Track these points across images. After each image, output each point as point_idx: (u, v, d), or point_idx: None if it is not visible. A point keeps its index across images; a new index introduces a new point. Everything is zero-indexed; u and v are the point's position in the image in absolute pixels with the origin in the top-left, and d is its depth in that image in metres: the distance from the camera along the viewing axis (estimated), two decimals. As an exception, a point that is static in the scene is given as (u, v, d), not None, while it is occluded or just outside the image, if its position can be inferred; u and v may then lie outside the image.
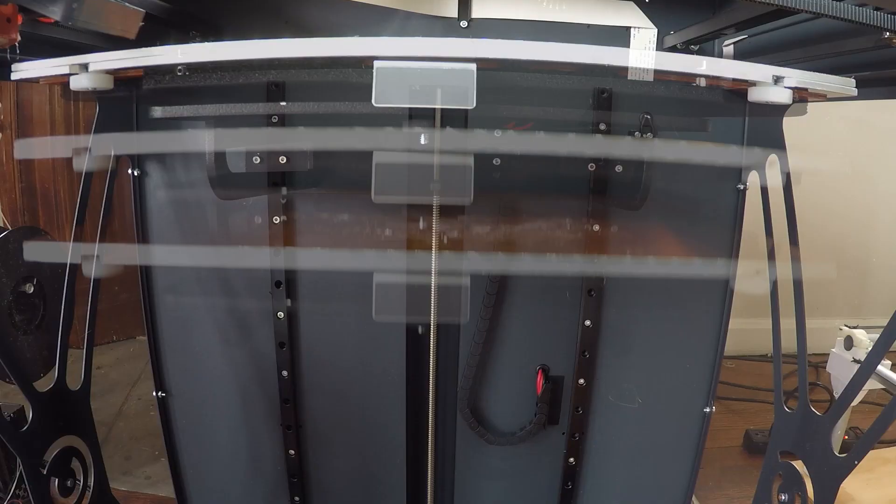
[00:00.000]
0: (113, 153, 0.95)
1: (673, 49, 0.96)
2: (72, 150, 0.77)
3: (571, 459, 1.14)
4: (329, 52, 0.50)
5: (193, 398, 1.11)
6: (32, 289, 0.95)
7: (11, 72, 0.56)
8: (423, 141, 0.62)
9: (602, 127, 0.79)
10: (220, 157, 0.69)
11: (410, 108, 0.56)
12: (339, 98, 0.68)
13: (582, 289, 1.06)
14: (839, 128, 2.24)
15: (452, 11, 0.92)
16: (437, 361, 1.11)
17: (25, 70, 0.56)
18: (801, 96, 0.56)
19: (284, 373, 1.08)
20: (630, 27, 0.87)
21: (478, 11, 0.93)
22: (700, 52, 0.96)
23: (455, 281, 0.99)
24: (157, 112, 0.62)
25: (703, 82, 0.56)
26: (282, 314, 1.05)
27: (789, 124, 0.84)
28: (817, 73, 0.53)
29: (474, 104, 0.50)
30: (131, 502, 1.53)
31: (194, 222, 1.03)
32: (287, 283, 1.03)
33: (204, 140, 0.71)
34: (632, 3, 0.89)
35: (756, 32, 0.87)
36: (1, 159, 2.16)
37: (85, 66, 0.53)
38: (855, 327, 1.52)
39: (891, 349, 0.73)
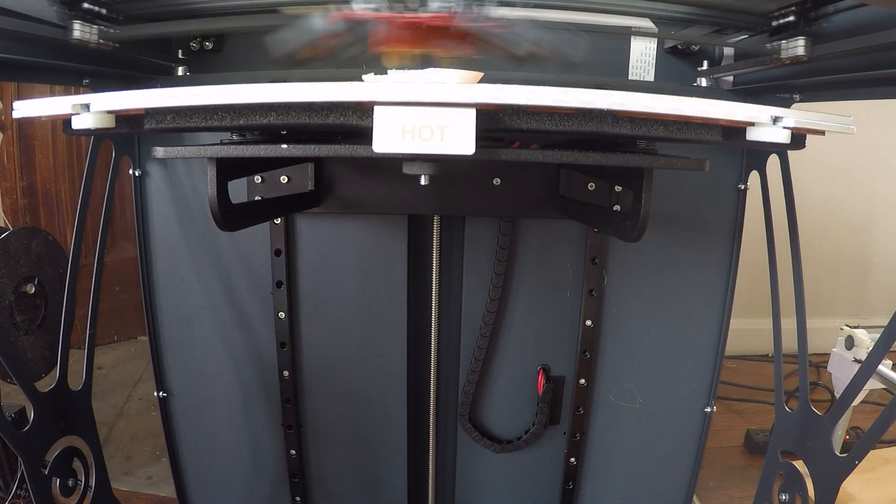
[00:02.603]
0: (114, 154, 0.96)
1: (673, 50, 0.96)
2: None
3: (572, 459, 1.14)
4: (328, 97, 0.49)
5: (195, 398, 1.11)
6: (34, 289, 0.95)
7: (13, 110, 0.55)
8: (423, 182, 0.63)
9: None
10: (222, 190, 0.68)
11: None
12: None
13: (582, 289, 1.06)
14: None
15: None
16: (437, 362, 1.12)
17: (26, 108, 0.55)
18: (800, 133, 0.56)
19: (286, 373, 1.08)
20: (630, 27, 0.87)
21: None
22: (700, 53, 0.96)
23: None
24: (159, 153, 0.62)
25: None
26: (283, 314, 1.05)
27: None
28: (816, 113, 0.53)
29: (474, 150, 0.50)
30: (132, 502, 1.53)
31: (195, 222, 1.03)
32: (288, 283, 1.04)
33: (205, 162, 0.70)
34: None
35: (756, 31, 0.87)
36: (2, 159, 2.16)
37: (87, 106, 0.52)
38: (856, 327, 1.52)
39: (891, 349, 0.73)
